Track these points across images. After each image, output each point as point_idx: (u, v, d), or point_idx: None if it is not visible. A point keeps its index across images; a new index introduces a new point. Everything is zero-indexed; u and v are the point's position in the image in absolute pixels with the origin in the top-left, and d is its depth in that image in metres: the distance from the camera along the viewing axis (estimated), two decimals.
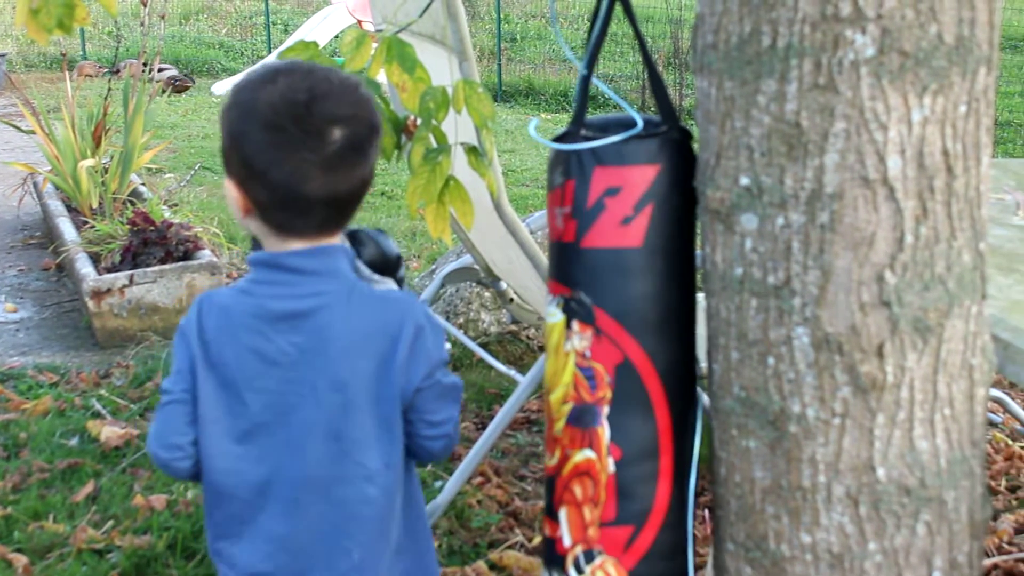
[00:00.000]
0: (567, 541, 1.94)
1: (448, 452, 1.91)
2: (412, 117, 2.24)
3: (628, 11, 1.91)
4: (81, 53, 14.44)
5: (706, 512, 3.17)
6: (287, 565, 1.78)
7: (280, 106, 1.65)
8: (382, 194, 7.56)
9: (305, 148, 1.65)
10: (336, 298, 1.74)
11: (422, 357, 1.77)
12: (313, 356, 1.73)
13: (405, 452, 1.84)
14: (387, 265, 1.93)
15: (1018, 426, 3.79)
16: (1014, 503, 3.29)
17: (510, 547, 3.07)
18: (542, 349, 4.48)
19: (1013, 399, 3.91)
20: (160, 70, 13.53)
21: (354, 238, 1.93)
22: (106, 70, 12.65)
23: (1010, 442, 3.65)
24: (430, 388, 1.80)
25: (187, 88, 12.61)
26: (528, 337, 4.59)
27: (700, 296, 1.91)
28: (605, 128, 1.85)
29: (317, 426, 1.74)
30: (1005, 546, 3.02)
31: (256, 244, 1.83)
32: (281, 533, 1.77)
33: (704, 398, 1.94)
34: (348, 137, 1.67)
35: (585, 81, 1.93)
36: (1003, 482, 3.42)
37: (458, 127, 2.24)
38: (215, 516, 1.82)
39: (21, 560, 2.99)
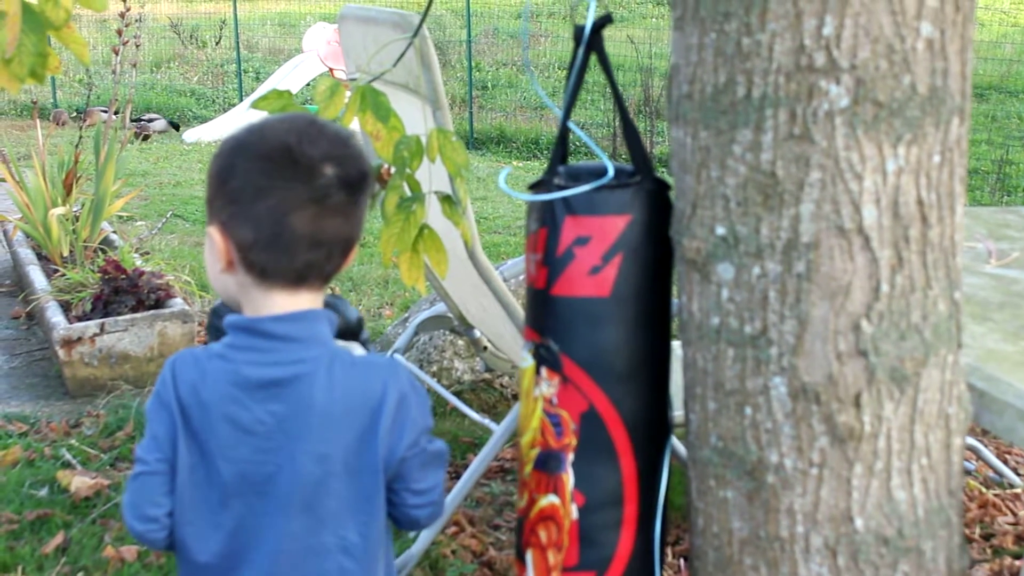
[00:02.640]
0: None
1: (434, 519, 1.85)
2: (386, 166, 2.24)
3: (603, 61, 1.92)
4: (52, 101, 14.43)
5: (681, 561, 3.15)
6: None
7: (272, 140, 1.64)
8: None
9: (295, 179, 1.62)
10: (317, 366, 1.68)
11: (407, 426, 1.72)
12: (292, 426, 1.67)
13: (388, 519, 1.80)
14: (348, 330, 1.91)
15: (991, 474, 3.79)
16: (989, 551, 3.28)
17: None
18: (516, 397, 4.47)
19: (986, 446, 3.92)
20: (150, 120, 13.55)
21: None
22: (76, 115, 12.67)
23: (984, 490, 3.65)
24: (415, 456, 1.75)
25: (148, 136, 12.58)
26: (502, 385, 4.58)
27: (677, 345, 1.91)
28: (578, 177, 1.85)
29: (294, 497, 1.68)
30: None
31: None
32: None
33: (677, 446, 1.94)
34: (340, 176, 1.65)
35: (563, 130, 1.94)
36: (977, 530, 3.41)
37: (432, 175, 2.24)
38: None
39: None
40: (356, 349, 1.85)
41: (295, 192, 1.62)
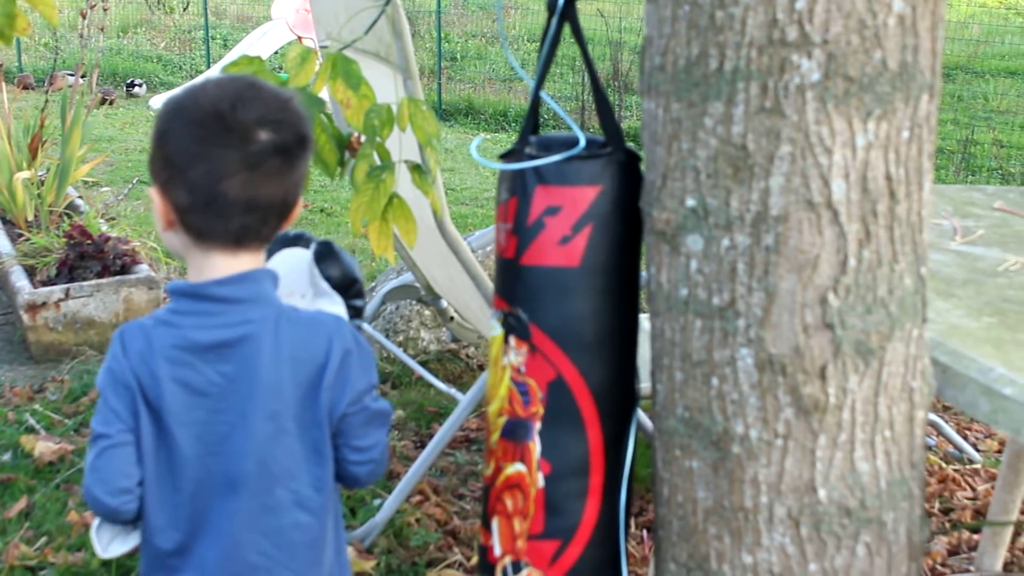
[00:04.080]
0: (497, 551, 1.95)
1: (373, 478, 1.88)
2: (356, 134, 2.24)
3: (576, 32, 1.92)
4: (17, 64, 14.29)
5: (644, 532, 3.18)
6: None
7: (207, 106, 1.64)
8: (321, 211, 7.53)
9: (228, 146, 1.63)
10: (264, 326, 1.71)
11: (348, 382, 1.75)
12: (242, 385, 1.70)
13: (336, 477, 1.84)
14: (343, 286, 1.92)
15: (951, 449, 3.83)
16: (947, 525, 3.32)
17: (449, 566, 3.05)
18: (481, 368, 4.48)
19: (947, 422, 3.96)
20: (131, 84, 13.45)
21: (326, 252, 1.92)
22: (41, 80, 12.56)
23: (944, 465, 3.69)
24: (356, 414, 1.78)
25: (112, 101, 12.47)
26: (468, 356, 4.59)
27: (643, 318, 1.92)
28: (549, 147, 1.86)
29: (248, 455, 1.71)
30: (939, 567, 3.06)
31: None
32: (214, 566, 1.73)
33: (643, 418, 1.95)
34: (274, 142, 1.65)
35: (535, 100, 1.94)
36: (936, 504, 3.45)
37: (402, 145, 2.24)
38: (149, 550, 1.78)
39: None
40: (336, 303, 1.87)
41: (228, 158, 1.63)
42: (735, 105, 1.63)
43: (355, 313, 1.95)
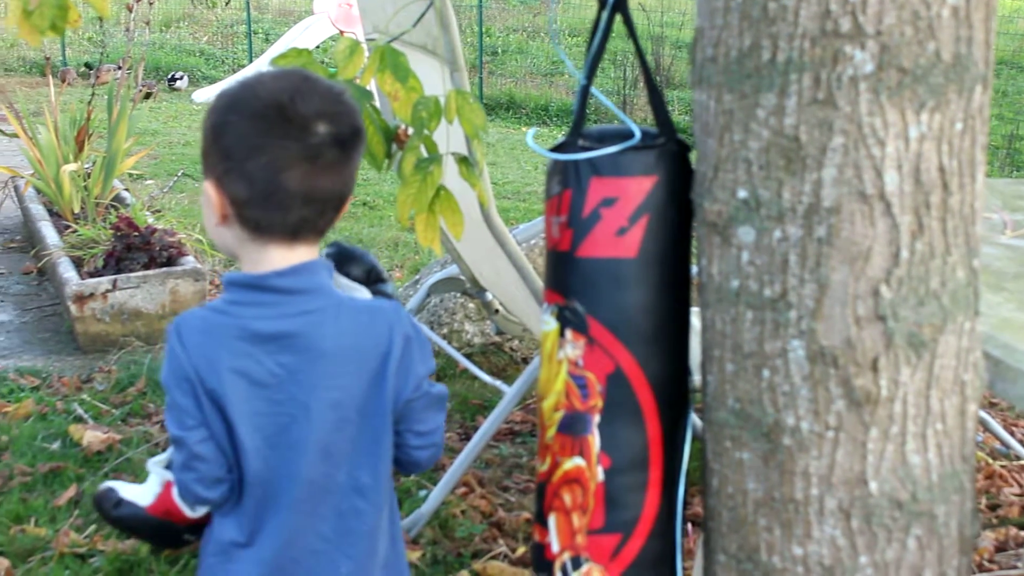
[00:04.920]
0: (555, 547, 1.95)
1: (433, 461, 1.91)
2: (403, 126, 2.24)
3: (628, 23, 1.92)
4: (61, 58, 14.40)
5: (689, 525, 3.18)
6: None
7: (266, 98, 1.65)
8: (364, 204, 7.55)
9: (288, 137, 1.63)
10: (324, 316, 1.71)
11: (412, 368, 1.77)
12: (304, 376, 1.70)
13: (394, 463, 1.85)
14: (367, 279, 1.93)
15: (998, 445, 3.81)
16: (994, 521, 3.30)
17: (493, 557, 3.06)
18: (526, 361, 4.49)
19: (994, 418, 3.94)
20: (172, 78, 13.55)
21: (341, 254, 1.93)
22: (86, 72, 12.65)
23: (991, 461, 3.67)
24: (418, 399, 1.80)
25: (154, 94, 12.55)
26: (512, 349, 4.59)
27: (693, 313, 1.92)
28: (603, 139, 1.86)
29: (309, 444, 1.71)
30: (986, 564, 3.04)
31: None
32: (275, 553, 1.74)
33: (692, 413, 1.95)
34: (332, 134, 1.66)
35: (584, 92, 1.94)
36: (983, 500, 3.44)
37: (449, 137, 2.24)
38: (213, 537, 1.79)
39: (3, 563, 2.98)
40: (360, 292, 1.87)
41: (288, 150, 1.63)
42: (787, 96, 1.62)
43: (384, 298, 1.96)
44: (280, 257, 1.70)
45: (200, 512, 1.82)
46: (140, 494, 1.89)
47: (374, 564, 1.82)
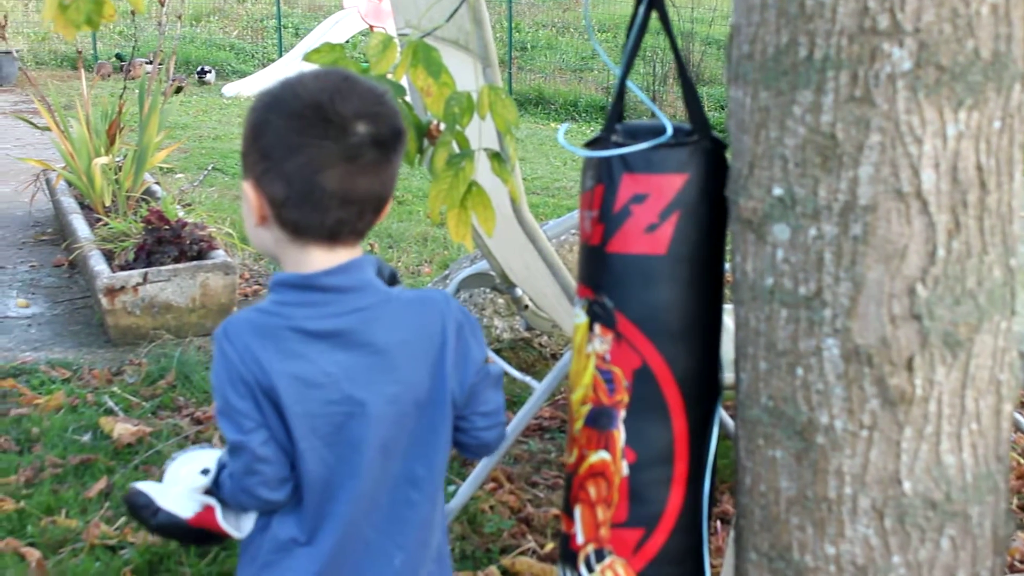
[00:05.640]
0: (580, 539, 1.96)
1: (500, 442, 1.90)
2: (435, 122, 2.24)
3: (664, 19, 1.91)
4: (92, 52, 14.47)
5: (718, 523, 3.17)
6: (331, 573, 1.74)
7: (306, 98, 1.64)
8: (394, 200, 7.55)
9: (326, 137, 1.62)
10: (376, 312, 1.71)
11: (471, 354, 1.78)
12: (359, 373, 1.69)
13: (460, 451, 1.87)
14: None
15: None
16: None
17: (522, 553, 3.07)
18: (555, 357, 4.49)
19: None
20: (202, 72, 13.61)
21: None
22: (119, 65, 12.71)
23: (1022, 461, 3.65)
24: (482, 380, 1.80)
25: (183, 88, 12.60)
26: (541, 344, 4.59)
27: (727, 313, 1.92)
28: (636, 134, 1.86)
29: (369, 441, 1.70)
30: (1017, 564, 3.02)
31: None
32: (331, 548, 1.73)
33: (720, 412, 1.95)
34: (372, 134, 1.64)
35: (621, 86, 1.94)
36: (1015, 501, 3.42)
37: (481, 133, 2.24)
38: (268, 537, 1.77)
39: (34, 554, 2.99)
40: None
41: (327, 150, 1.62)
42: (824, 94, 1.62)
43: None
44: (321, 259, 1.69)
45: (247, 528, 1.81)
46: (178, 504, 1.88)
47: (426, 556, 1.82)
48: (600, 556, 1.92)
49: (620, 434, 1.88)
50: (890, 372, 1.65)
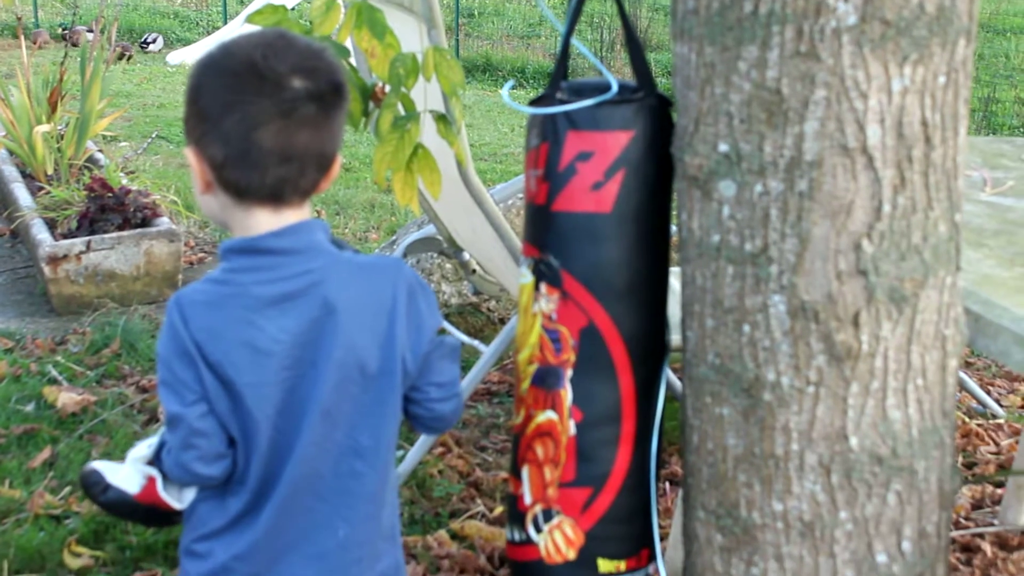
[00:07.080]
0: (527, 499, 1.95)
1: (457, 415, 1.87)
2: (380, 84, 2.22)
3: None
4: (33, 21, 14.27)
5: (667, 485, 3.18)
6: (267, 545, 1.72)
7: (240, 57, 1.61)
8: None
9: (261, 94, 1.59)
10: (325, 274, 1.67)
11: (424, 322, 1.74)
12: (307, 338, 1.66)
13: (415, 425, 1.83)
14: None
15: (975, 404, 3.82)
16: (970, 479, 3.32)
17: (471, 517, 3.06)
18: (503, 321, 4.48)
19: (970, 377, 3.95)
20: (145, 41, 13.45)
21: None
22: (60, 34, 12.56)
23: (967, 420, 3.68)
24: (434, 350, 1.76)
25: (130, 56, 12.46)
26: (489, 309, 4.58)
27: (674, 276, 1.91)
28: (581, 92, 1.84)
29: (312, 404, 1.68)
30: (962, 520, 3.05)
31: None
32: (275, 513, 1.71)
33: (667, 373, 1.95)
34: (307, 89, 1.61)
35: (565, 44, 1.92)
36: (960, 458, 3.45)
37: (427, 95, 2.22)
38: (219, 510, 1.74)
39: None
40: None
41: (261, 106, 1.59)
42: (770, 49, 1.61)
43: None
44: (266, 221, 1.66)
45: (188, 500, 1.79)
46: (126, 480, 1.87)
47: (375, 532, 1.79)
48: (548, 516, 1.92)
49: (567, 393, 1.87)
50: (836, 328, 1.65)
